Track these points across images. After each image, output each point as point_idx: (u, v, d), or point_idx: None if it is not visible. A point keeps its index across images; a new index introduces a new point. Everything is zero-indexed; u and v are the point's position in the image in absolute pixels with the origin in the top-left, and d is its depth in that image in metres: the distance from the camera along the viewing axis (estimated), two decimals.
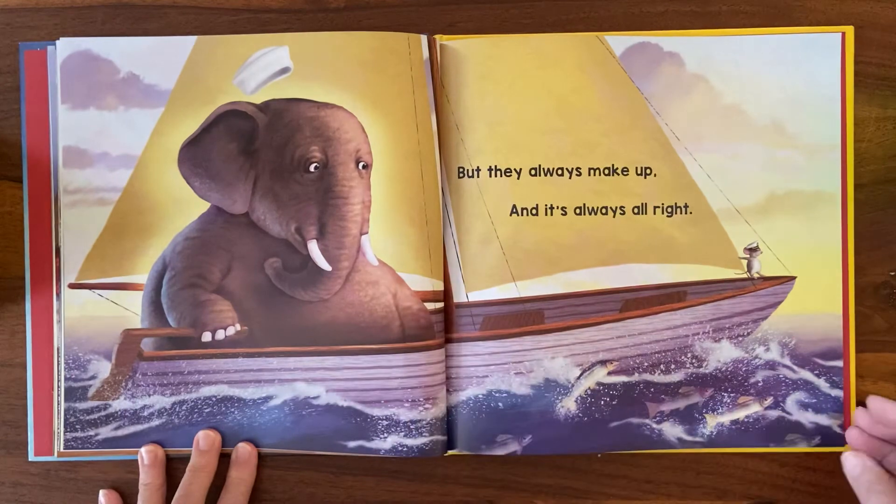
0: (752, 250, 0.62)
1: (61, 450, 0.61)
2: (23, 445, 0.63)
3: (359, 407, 0.61)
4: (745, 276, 0.62)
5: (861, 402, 0.60)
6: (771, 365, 0.62)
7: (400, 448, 0.61)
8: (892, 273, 0.62)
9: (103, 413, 0.61)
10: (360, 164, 0.61)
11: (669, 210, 0.62)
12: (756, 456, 0.63)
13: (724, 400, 0.62)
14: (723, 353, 0.62)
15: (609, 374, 0.62)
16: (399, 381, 0.61)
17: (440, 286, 0.61)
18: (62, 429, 0.61)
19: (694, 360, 0.62)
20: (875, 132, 0.62)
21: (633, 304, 0.62)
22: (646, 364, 0.62)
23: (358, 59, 0.60)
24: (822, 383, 0.62)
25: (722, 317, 0.62)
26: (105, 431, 0.61)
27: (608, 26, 0.62)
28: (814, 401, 0.62)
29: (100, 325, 0.61)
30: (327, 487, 0.63)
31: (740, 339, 0.62)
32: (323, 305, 0.61)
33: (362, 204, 0.61)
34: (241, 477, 0.61)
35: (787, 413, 0.62)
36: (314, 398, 0.61)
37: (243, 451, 0.62)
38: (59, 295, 0.61)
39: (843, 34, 0.62)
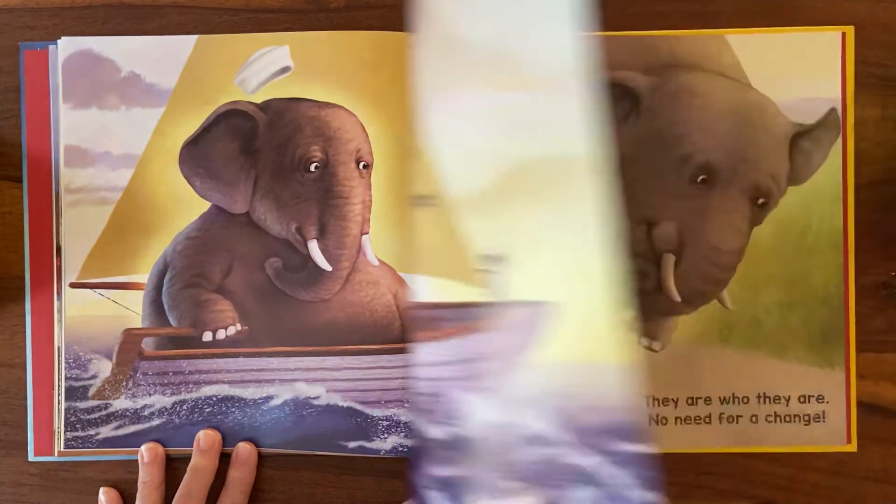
0: (493, 260, 0.41)
1: (61, 449, 0.61)
2: (23, 445, 0.62)
3: (359, 407, 0.61)
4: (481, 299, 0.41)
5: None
6: (543, 440, 0.42)
7: (400, 448, 0.61)
8: (893, 273, 0.62)
9: (104, 412, 0.61)
10: (361, 164, 0.61)
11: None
12: (756, 456, 0.63)
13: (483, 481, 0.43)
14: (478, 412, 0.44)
15: None
16: (399, 381, 0.61)
17: None
18: (62, 428, 0.61)
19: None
20: (875, 132, 0.62)
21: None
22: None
23: (358, 59, 0.60)
24: (620, 476, 0.40)
25: (456, 361, 0.45)
26: (105, 431, 0.61)
27: (608, 26, 0.62)
28: None
29: (101, 325, 0.61)
30: (327, 487, 0.63)
31: (491, 393, 0.44)
32: (323, 305, 0.61)
33: (363, 204, 0.61)
34: (241, 477, 0.61)
35: None
36: (314, 398, 0.61)
37: (243, 450, 0.61)
38: (59, 294, 0.61)
39: (844, 34, 0.61)
